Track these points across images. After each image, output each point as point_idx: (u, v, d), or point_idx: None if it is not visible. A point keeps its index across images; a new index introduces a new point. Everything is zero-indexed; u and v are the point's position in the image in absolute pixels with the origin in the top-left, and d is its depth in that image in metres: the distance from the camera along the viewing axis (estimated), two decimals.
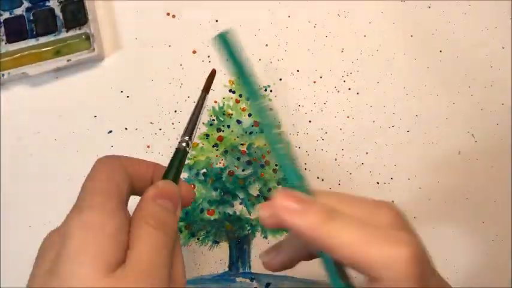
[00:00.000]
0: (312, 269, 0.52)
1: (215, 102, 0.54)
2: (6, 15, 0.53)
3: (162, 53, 0.55)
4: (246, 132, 0.54)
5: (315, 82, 0.54)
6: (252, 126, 0.54)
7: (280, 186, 0.53)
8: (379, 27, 0.55)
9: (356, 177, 0.53)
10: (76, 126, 0.53)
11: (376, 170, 0.53)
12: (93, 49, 0.53)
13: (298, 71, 0.55)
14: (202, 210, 0.52)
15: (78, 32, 0.53)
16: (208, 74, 0.43)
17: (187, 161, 0.53)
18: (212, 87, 0.54)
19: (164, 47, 0.55)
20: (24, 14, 0.53)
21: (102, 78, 0.54)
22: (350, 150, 0.53)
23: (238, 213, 0.52)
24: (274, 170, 0.53)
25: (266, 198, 0.52)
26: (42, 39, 0.53)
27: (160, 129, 0.53)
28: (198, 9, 0.55)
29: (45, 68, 0.53)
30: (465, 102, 0.54)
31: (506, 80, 0.54)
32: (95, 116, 0.53)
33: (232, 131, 0.53)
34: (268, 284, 0.51)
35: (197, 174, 0.53)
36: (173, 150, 0.53)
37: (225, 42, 0.39)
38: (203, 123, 0.54)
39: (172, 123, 0.54)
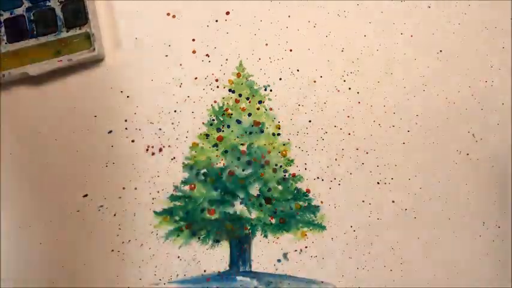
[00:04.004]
0: (312, 268, 0.52)
1: (215, 102, 0.54)
2: (7, 15, 0.53)
3: (162, 53, 0.55)
4: (246, 132, 0.53)
5: (315, 82, 0.54)
6: (252, 126, 0.54)
7: (280, 186, 0.53)
8: (379, 27, 0.55)
9: (356, 177, 0.53)
10: (76, 126, 0.53)
11: (376, 170, 0.53)
12: (94, 49, 0.53)
13: (298, 70, 0.55)
14: (202, 210, 0.52)
15: (78, 31, 0.53)
16: None
17: (187, 161, 0.53)
18: (211, 86, 0.54)
19: (164, 47, 0.55)
20: (24, 13, 0.53)
21: (102, 78, 0.54)
22: (350, 150, 0.53)
23: (238, 212, 0.52)
24: (274, 170, 0.53)
25: (266, 198, 0.52)
26: (43, 39, 0.53)
27: (160, 129, 0.53)
28: (198, 9, 0.55)
29: (46, 67, 0.53)
30: (465, 102, 0.54)
31: (506, 80, 0.55)
32: (95, 116, 0.54)
33: (232, 131, 0.53)
34: (268, 283, 0.51)
35: (197, 174, 0.53)
36: (173, 149, 0.53)
37: None
38: (203, 123, 0.54)
39: (172, 123, 0.54)
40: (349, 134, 0.54)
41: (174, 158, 0.53)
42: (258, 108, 0.54)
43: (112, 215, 0.52)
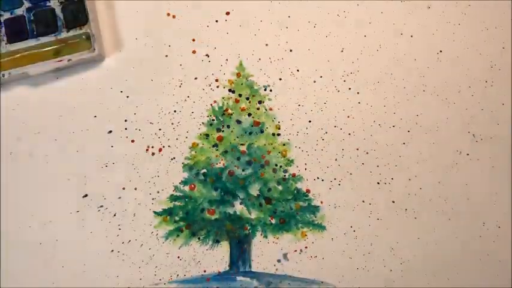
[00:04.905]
0: (312, 268, 0.52)
1: (214, 102, 0.54)
2: (7, 15, 0.53)
3: (162, 53, 0.55)
4: (245, 132, 0.53)
5: (315, 82, 0.54)
6: (252, 126, 0.54)
7: (280, 187, 0.53)
8: (379, 27, 0.55)
9: (356, 177, 0.53)
10: (76, 126, 0.53)
11: (376, 170, 0.53)
12: (94, 49, 0.53)
13: (298, 70, 0.55)
14: (202, 210, 0.52)
15: (78, 32, 0.53)
16: None
17: (187, 161, 0.53)
18: (211, 86, 0.55)
19: (164, 47, 0.55)
20: (24, 14, 0.53)
21: (102, 78, 0.54)
22: (350, 150, 0.53)
23: (238, 213, 0.52)
24: (274, 170, 0.53)
25: (266, 198, 0.52)
26: (43, 39, 0.53)
27: (160, 130, 0.53)
28: (198, 9, 0.55)
29: (46, 68, 0.53)
30: (465, 102, 0.54)
31: (506, 80, 0.54)
32: (95, 116, 0.54)
33: (232, 131, 0.53)
34: (268, 283, 0.51)
35: (197, 174, 0.53)
36: (173, 149, 0.53)
37: None
38: (203, 123, 0.54)
39: (172, 123, 0.54)
40: (349, 134, 0.54)
41: (174, 158, 0.53)
42: (258, 108, 0.54)
43: (112, 215, 0.52)
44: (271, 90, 0.54)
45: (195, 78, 0.54)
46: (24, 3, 0.53)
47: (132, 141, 0.53)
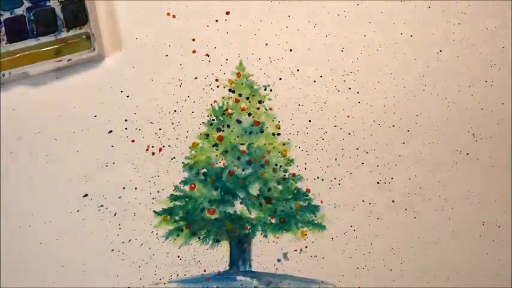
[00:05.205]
0: (312, 268, 0.52)
1: (215, 101, 0.54)
2: (7, 15, 0.53)
3: (162, 53, 0.55)
4: (246, 132, 0.54)
5: (315, 82, 0.54)
6: (252, 126, 0.54)
7: (280, 186, 0.53)
8: (379, 27, 0.55)
9: (356, 177, 0.53)
10: (76, 126, 0.53)
11: (376, 169, 0.53)
12: (94, 49, 0.53)
13: (298, 70, 0.55)
14: (203, 210, 0.52)
15: (78, 31, 0.53)
16: None
17: (187, 161, 0.53)
18: (211, 86, 0.55)
19: (164, 47, 0.55)
20: (24, 13, 0.53)
21: (102, 78, 0.54)
22: (350, 150, 0.53)
23: (238, 212, 0.52)
24: (274, 170, 0.53)
25: (266, 198, 0.52)
26: (43, 39, 0.53)
27: (160, 129, 0.53)
28: (198, 9, 0.56)
29: (46, 67, 0.53)
30: (465, 102, 0.54)
31: (506, 80, 0.55)
32: (95, 116, 0.54)
33: (232, 130, 0.53)
34: (268, 283, 0.51)
35: (197, 173, 0.53)
36: (173, 149, 0.53)
37: None
38: (203, 122, 0.54)
39: (172, 123, 0.54)
40: (349, 134, 0.54)
41: (174, 157, 0.53)
42: (258, 108, 0.54)
43: (112, 215, 0.52)
44: (271, 90, 0.54)
45: (195, 78, 0.54)
46: (24, 3, 0.53)
47: (133, 141, 0.53)
